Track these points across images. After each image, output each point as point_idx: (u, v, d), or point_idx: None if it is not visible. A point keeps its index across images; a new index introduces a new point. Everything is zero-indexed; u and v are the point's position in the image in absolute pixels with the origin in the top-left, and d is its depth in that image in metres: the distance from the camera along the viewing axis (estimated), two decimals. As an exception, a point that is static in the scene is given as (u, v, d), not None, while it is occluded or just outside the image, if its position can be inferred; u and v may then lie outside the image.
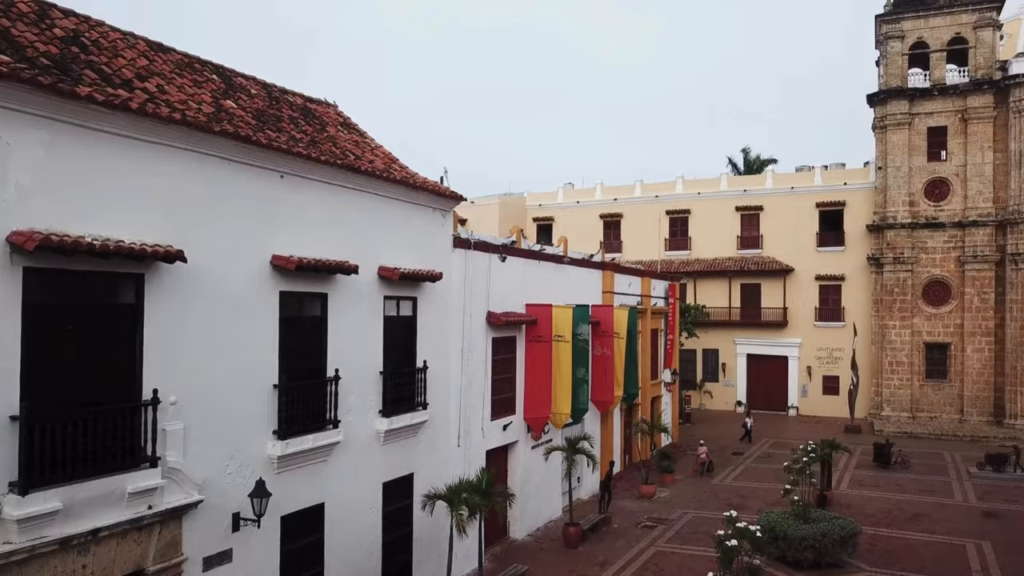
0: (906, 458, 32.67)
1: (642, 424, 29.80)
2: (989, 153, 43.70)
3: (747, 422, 39.58)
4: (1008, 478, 30.37)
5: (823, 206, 48.53)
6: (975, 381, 43.33)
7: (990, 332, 43.13)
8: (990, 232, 43.44)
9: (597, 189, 55.57)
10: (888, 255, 45.32)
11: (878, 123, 46.48)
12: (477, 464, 20.20)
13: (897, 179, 45.44)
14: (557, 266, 25.64)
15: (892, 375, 44.94)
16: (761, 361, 49.50)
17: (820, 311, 48.26)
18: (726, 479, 30.97)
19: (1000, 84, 43.35)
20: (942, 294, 44.66)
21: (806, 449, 24.02)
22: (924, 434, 40.91)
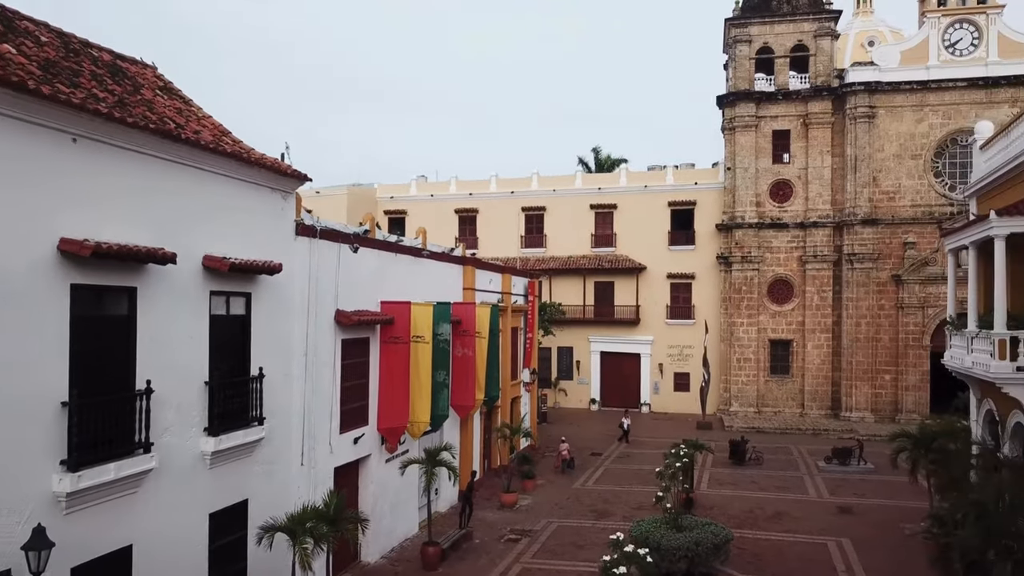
0: (760, 455, 32.98)
1: (504, 429, 28.14)
2: (828, 157, 45.54)
3: (624, 422, 38.95)
4: (853, 471, 31.18)
5: (675, 205, 49.04)
6: (815, 376, 45.04)
7: (828, 329, 44.97)
8: (829, 233, 45.28)
9: (452, 183, 53.68)
10: (736, 254, 46.33)
11: (727, 124, 47.44)
12: (324, 485, 17.72)
13: (745, 180, 46.53)
14: (415, 260, 23.46)
15: (740, 371, 45.97)
16: (615, 359, 49.40)
17: (671, 309, 48.74)
18: (588, 482, 29.93)
19: (838, 91, 45.27)
20: (786, 292, 46.15)
21: (677, 453, 23.18)
22: (770, 428, 41.95)
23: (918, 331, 42.87)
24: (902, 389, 42.89)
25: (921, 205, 43.74)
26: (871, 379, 43.45)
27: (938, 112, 43.80)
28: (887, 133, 44.32)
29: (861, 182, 44.33)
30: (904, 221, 43.71)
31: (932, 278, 42.65)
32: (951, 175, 43.84)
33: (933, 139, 43.79)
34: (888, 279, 43.68)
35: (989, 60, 43.17)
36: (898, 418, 42.55)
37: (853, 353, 43.69)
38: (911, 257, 43.02)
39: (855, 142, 44.54)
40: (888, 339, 43.45)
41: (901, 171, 44.14)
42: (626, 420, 39.21)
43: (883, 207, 44.17)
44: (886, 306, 43.69)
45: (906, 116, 44.20)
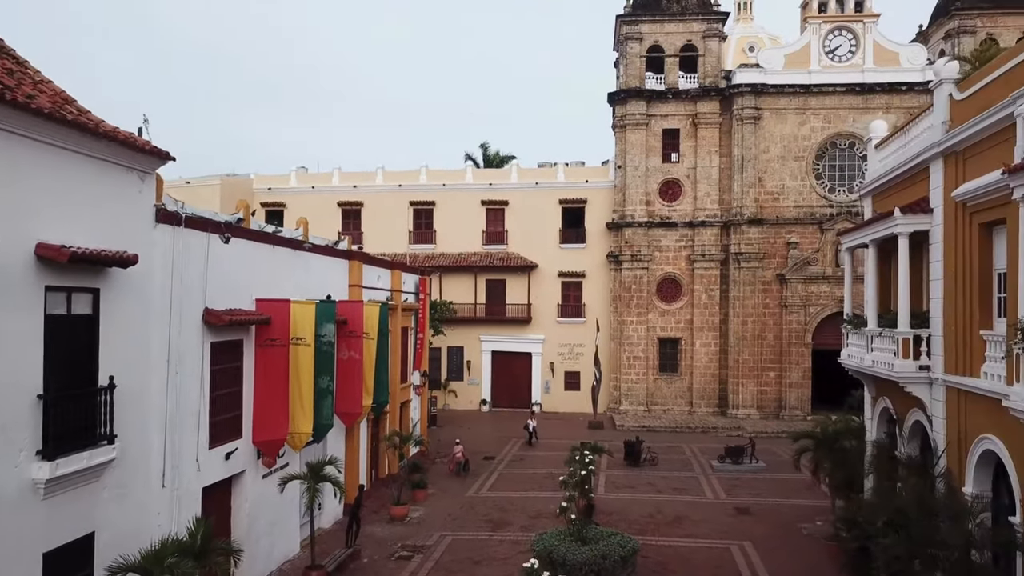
0: (655, 455, 32.54)
1: (393, 437, 26.28)
2: (716, 157, 45.99)
3: (529, 423, 37.67)
4: (746, 469, 31.18)
5: (566, 203, 48.40)
6: (703, 374, 45.40)
7: (716, 327, 45.42)
8: (716, 232, 45.73)
9: (335, 174, 51.06)
10: (626, 253, 46.12)
11: (618, 122, 47.19)
12: (191, 508, 15.49)
13: (635, 178, 46.39)
14: (296, 253, 21.33)
15: (630, 370, 45.79)
16: (506, 358, 48.29)
17: (563, 308, 48.08)
18: (482, 489, 28.52)
19: (725, 92, 45.79)
20: (675, 291, 46.32)
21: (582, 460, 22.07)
22: (660, 427, 41.86)
23: (801, 329, 43.88)
24: (786, 386, 43.80)
25: (803, 206, 44.81)
26: (757, 376, 44.17)
27: (819, 115, 44.99)
28: (772, 135, 45.18)
29: (747, 182, 45.00)
30: (788, 221, 44.66)
31: (814, 277, 43.77)
32: (831, 177, 45.14)
33: (815, 142, 44.95)
34: (773, 278, 44.52)
35: (865, 67, 44.70)
36: (782, 415, 43.46)
37: (740, 351, 44.28)
38: (794, 257, 43.99)
39: (742, 143, 45.16)
40: (773, 337, 44.28)
41: (785, 172, 45.09)
42: (532, 421, 38.00)
43: (768, 207, 44.99)
44: (771, 305, 44.52)
45: (789, 118, 45.18)
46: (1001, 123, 14.32)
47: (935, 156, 17.45)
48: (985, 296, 15.67)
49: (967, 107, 16.22)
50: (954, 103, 16.95)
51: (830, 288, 43.64)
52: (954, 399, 16.56)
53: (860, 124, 44.56)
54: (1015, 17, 45.01)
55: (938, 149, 17.13)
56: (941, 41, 47.02)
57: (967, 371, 16.02)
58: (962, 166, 16.35)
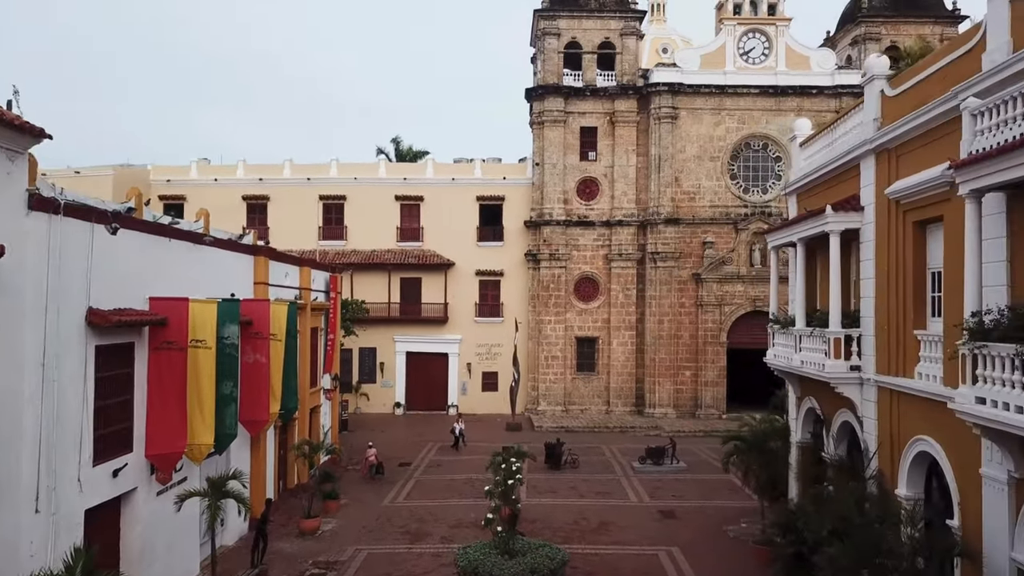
0: (575, 457, 31.84)
1: (303, 446, 24.58)
2: (633, 156, 45.83)
3: (457, 427, 36.26)
4: (667, 470, 30.85)
5: (483, 200, 47.34)
6: (620, 373, 45.15)
7: (633, 327, 45.24)
8: (633, 232, 45.56)
9: (240, 166, 48.45)
10: (545, 251, 45.45)
11: (536, 119, 46.47)
12: (72, 534, 13.67)
13: (553, 176, 45.77)
14: (195, 248, 19.49)
15: (548, 370, 45.14)
16: (421, 359, 46.85)
17: (480, 307, 47.02)
18: (398, 497, 27.13)
19: (643, 91, 45.68)
20: (592, 290, 45.93)
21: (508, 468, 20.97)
22: (578, 427, 41.34)
23: (716, 328, 44.17)
24: (702, 385, 44.00)
25: (719, 206, 45.13)
26: (673, 375, 44.21)
27: (734, 116, 45.40)
28: (688, 134, 45.33)
29: (664, 182, 45.00)
30: (704, 221, 44.88)
31: (729, 277, 44.12)
32: (745, 177, 45.64)
33: (729, 142, 45.33)
34: (689, 277, 44.67)
35: (778, 70, 45.37)
36: (698, 413, 43.64)
37: (656, 350, 44.23)
38: (710, 256, 44.24)
39: (659, 142, 45.14)
40: (689, 336, 44.42)
41: (701, 172, 45.31)
42: (459, 424, 36.59)
43: (684, 207, 45.11)
44: (687, 304, 44.66)
45: (705, 118, 45.44)
46: (939, 119, 14.03)
47: (866, 153, 17.19)
48: (919, 296, 15.44)
49: (900, 104, 15.97)
50: (886, 100, 16.71)
51: (744, 287, 44.09)
52: (886, 400, 16.31)
53: (773, 126, 45.31)
54: (916, 26, 46.55)
55: (870, 146, 16.86)
56: (848, 47, 48.27)
57: (900, 371, 15.77)
58: (895, 163, 16.10)
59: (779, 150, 45.28)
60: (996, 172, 10.98)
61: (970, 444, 12.93)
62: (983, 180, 11.40)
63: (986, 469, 12.42)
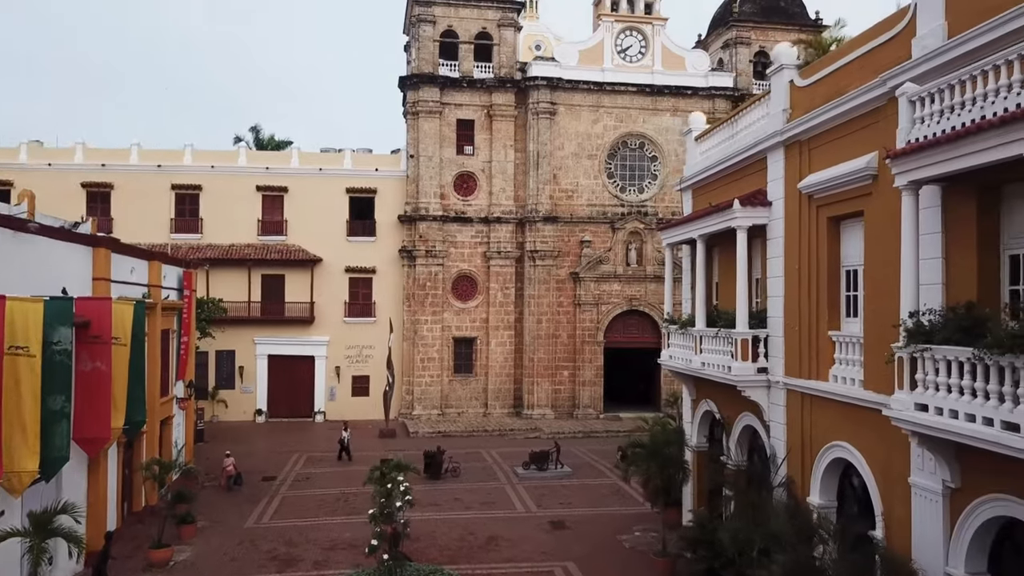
0: (457, 465, 30.11)
1: (153, 467, 21.49)
2: (511, 151, 44.62)
3: (344, 436, 33.40)
4: (551, 476, 29.70)
5: (354, 192, 44.74)
6: (498, 374, 43.83)
7: (511, 326, 44.03)
8: (512, 229, 44.34)
9: (78, 150, 43.44)
10: (420, 248, 43.46)
11: (410, 109, 44.39)
12: None
13: (429, 169, 43.85)
14: (17, 236, 16.33)
15: (424, 372, 43.17)
16: (285, 362, 43.67)
17: (350, 306, 44.40)
18: (263, 517, 24.45)
19: (521, 85, 44.55)
20: (470, 289, 44.36)
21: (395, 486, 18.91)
22: (455, 431, 39.66)
23: (593, 327, 43.67)
24: (579, 385, 43.37)
25: (596, 204, 44.66)
26: (551, 376, 43.34)
27: (612, 114, 45.08)
28: (567, 131, 44.61)
29: (543, 179, 44.06)
30: (582, 220, 44.28)
31: (606, 276, 43.75)
32: (622, 176, 45.42)
33: (607, 140, 44.96)
34: (567, 276, 43.94)
35: (655, 69, 45.44)
36: (576, 413, 43.00)
37: (535, 350, 43.22)
38: (587, 255, 43.68)
39: (537, 138, 44.15)
40: (567, 335, 43.70)
41: (579, 170, 44.69)
42: (346, 433, 33.73)
43: (563, 205, 44.35)
44: (565, 303, 43.91)
45: (584, 115, 44.86)
46: (860, 108, 13.36)
47: (775, 146, 16.50)
48: (833, 295, 14.80)
49: (812, 94, 15.30)
50: (796, 90, 16.03)
51: (621, 287, 43.86)
52: (797, 404, 15.63)
53: (650, 125, 45.35)
54: (784, 33, 47.84)
55: (779, 138, 16.16)
56: (720, 50, 49.08)
57: (813, 374, 15.10)
58: (807, 156, 15.43)
59: (655, 149, 45.36)
60: (941, 162, 10.20)
61: (896, 451, 12.27)
62: (924, 171, 10.62)
63: (916, 478, 11.75)
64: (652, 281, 43.89)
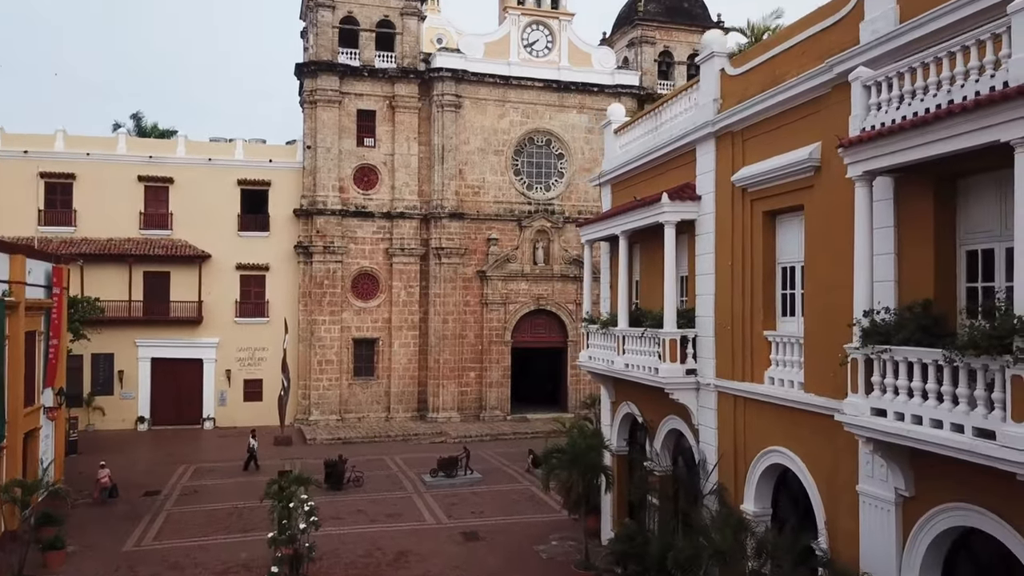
0: (360, 475, 28.38)
1: (13, 489, 18.88)
2: (415, 145, 43.04)
3: (252, 444, 30.90)
4: (461, 483, 28.40)
5: (246, 184, 42.04)
6: (401, 377, 42.14)
7: (415, 326, 42.44)
8: (416, 225, 42.77)
9: (-72, 132, 39.11)
10: (318, 244, 41.29)
11: (308, 97, 42.15)
12: None
13: (327, 161, 41.74)
14: None
15: (322, 375, 41.02)
16: (170, 366, 40.58)
17: (242, 306, 41.73)
18: (145, 538, 22.10)
19: (425, 76, 43.04)
20: (371, 287, 42.49)
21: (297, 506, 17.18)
22: (356, 437, 37.74)
23: (501, 327, 42.64)
24: (486, 386, 42.25)
25: (503, 202, 43.65)
26: (458, 377, 42.03)
27: (518, 109, 44.17)
28: (472, 125, 43.40)
29: (448, 174, 42.69)
30: (488, 217, 43.17)
31: (513, 275, 42.84)
32: (529, 174, 44.60)
33: (514, 136, 44.03)
34: (474, 275, 42.74)
35: (561, 65, 44.83)
36: (483, 415, 41.86)
37: (440, 351, 41.79)
38: (495, 253, 42.61)
39: (442, 131, 42.75)
40: (474, 336, 42.49)
41: (485, 166, 43.57)
42: (253, 441, 31.22)
43: (469, 201, 43.11)
44: (471, 302, 42.70)
45: (490, 110, 43.77)
46: (802, 97, 12.70)
47: (705, 137, 15.77)
48: (768, 293, 14.15)
49: (745, 83, 14.62)
50: (727, 79, 15.34)
51: (528, 286, 43.04)
52: (729, 407, 14.94)
53: (556, 121, 44.72)
54: (687, 34, 48.22)
55: (710, 129, 15.44)
56: (625, 49, 48.95)
57: (747, 376, 14.42)
58: (741, 148, 14.74)
59: (562, 147, 44.75)
60: (902, 151, 9.51)
61: (842, 458, 11.66)
62: (881, 161, 9.94)
63: (866, 487, 11.12)
64: (560, 280, 43.28)
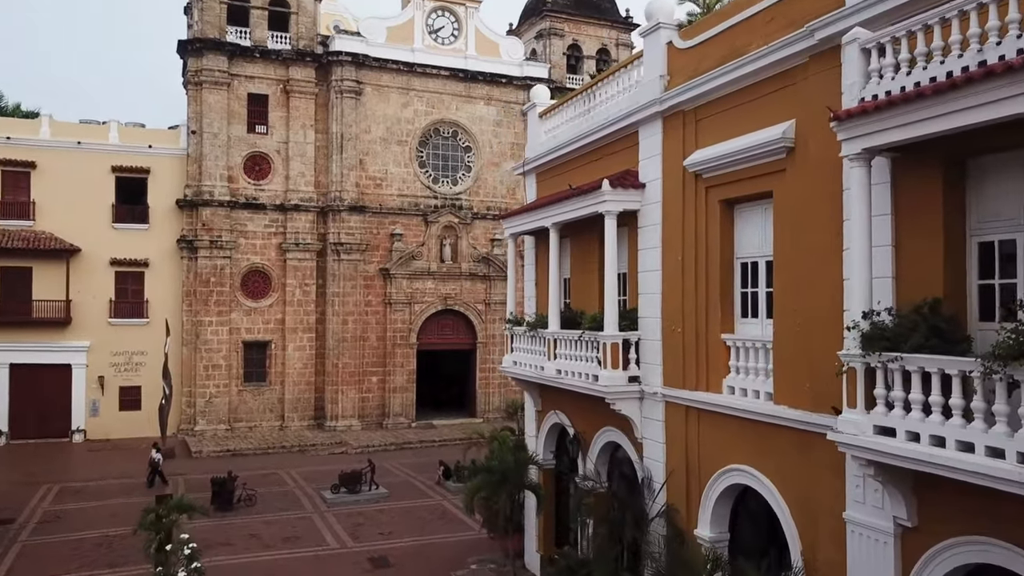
0: (252, 492, 25.56)
1: None
2: (311, 133, 40.12)
3: (156, 457, 27.59)
4: (365, 499, 26.02)
5: (122, 172, 38.05)
6: (296, 383, 39.12)
7: (312, 328, 39.50)
8: (312, 219, 39.86)
9: None
10: (204, 238, 37.79)
11: (192, 78, 38.57)
12: None
13: (215, 148, 38.30)
14: None
15: (208, 381, 37.54)
16: (33, 372, 36.18)
17: (118, 305, 37.73)
18: (-10, 581, 18.85)
19: (323, 59, 40.21)
20: (263, 286, 39.28)
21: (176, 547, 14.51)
22: (247, 449, 34.67)
23: (405, 329, 40.24)
24: (390, 391, 39.76)
25: (408, 195, 41.29)
26: (358, 382, 39.37)
27: (423, 99, 41.91)
28: (374, 114, 40.83)
29: (348, 164, 39.99)
30: (392, 211, 40.72)
31: (419, 273, 40.55)
32: (435, 167, 42.42)
33: (418, 126, 41.74)
34: (376, 272, 40.18)
35: (468, 53, 42.87)
36: (386, 423, 39.39)
37: (339, 354, 39.04)
38: (399, 250, 40.20)
39: (341, 119, 40.01)
40: (376, 338, 39.93)
41: (388, 157, 41.09)
42: (157, 454, 27.91)
43: (371, 194, 40.52)
44: (374, 302, 40.12)
45: (393, 98, 41.33)
46: (769, 70, 11.20)
47: (650, 118, 14.14)
48: (726, 292, 12.63)
49: (699, 57, 13.04)
50: (676, 53, 13.74)
51: (435, 284, 40.86)
52: (679, 419, 13.35)
53: (463, 113, 42.76)
54: (596, 27, 47.23)
55: (657, 108, 13.81)
56: (533, 40, 47.39)
57: (700, 384, 12.86)
58: (693, 129, 13.17)
59: (469, 139, 42.79)
60: (912, 124, 8.03)
61: (821, 479, 10.21)
62: (884, 136, 8.43)
63: (855, 514, 9.66)
64: (468, 279, 41.31)
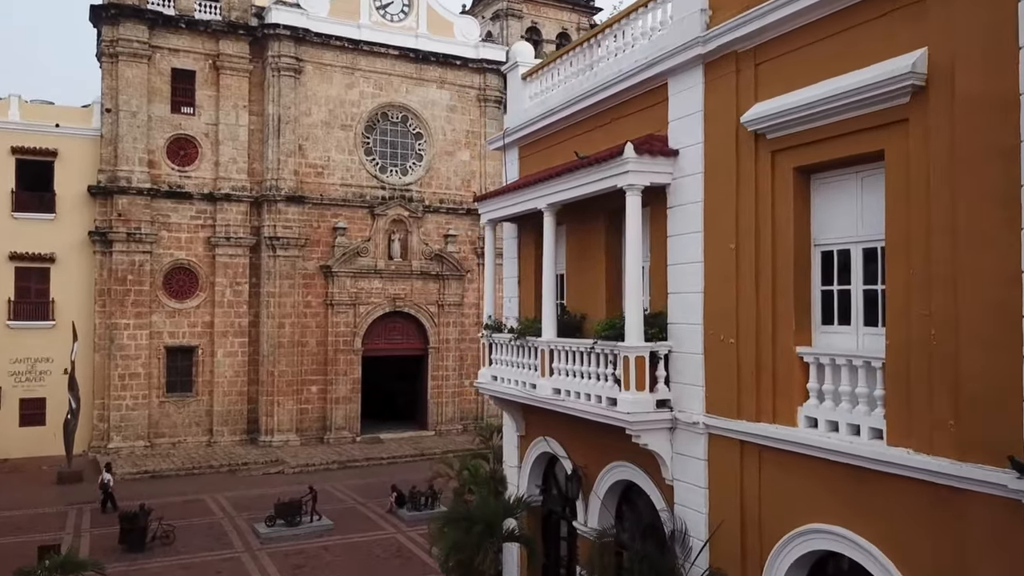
0: (169, 528, 21.55)
1: None
2: (244, 114, 36.07)
3: (106, 478, 24.36)
4: (306, 533, 22.32)
5: (23, 154, 33.50)
6: (227, 393, 34.98)
7: (244, 332, 35.42)
8: (245, 210, 35.80)
9: None
10: (120, 230, 33.40)
11: (107, 49, 34.15)
12: None
13: (133, 129, 33.94)
14: None
15: (125, 392, 33.15)
16: (-86, 385, 31.37)
17: (17, 306, 33.08)
18: None
19: (258, 33, 36.17)
20: (189, 284, 35.05)
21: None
22: (169, 470, 30.52)
23: (349, 332, 36.43)
24: (332, 402, 35.90)
25: (352, 185, 37.53)
26: (296, 392, 35.43)
27: (370, 80, 38.19)
28: (316, 95, 36.97)
29: (285, 150, 36.03)
30: (335, 203, 36.90)
31: (365, 271, 36.84)
32: (382, 154, 38.75)
33: (365, 110, 38.01)
34: (317, 270, 36.30)
35: (419, 32, 39.33)
36: (327, 438, 35.53)
37: (275, 361, 35.02)
38: (342, 245, 36.39)
39: (278, 99, 36.02)
40: (316, 343, 36.02)
41: (331, 142, 37.26)
42: (108, 475, 24.69)
43: (311, 183, 36.62)
44: (314, 303, 36.22)
45: (336, 78, 37.51)
46: (882, -16, 8.09)
47: (686, 65, 10.90)
48: (801, 290, 9.48)
49: (757, -18, 9.89)
50: (722, -21, 10.56)
51: (383, 284, 37.20)
52: (732, 458, 10.11)
53: (414, 96, 39.19)
54: (556, 11, 44.26)
55: (699, 50, 10.58)
56: (489, 22, 44.16)
57: (764, 414, 9.65)
58: (752, 76, 9.98)
59: (420, 125, 39.20)
60: None
61: (967, 553, 7.13)
62: None
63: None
64: (419, 278, 37.74)
